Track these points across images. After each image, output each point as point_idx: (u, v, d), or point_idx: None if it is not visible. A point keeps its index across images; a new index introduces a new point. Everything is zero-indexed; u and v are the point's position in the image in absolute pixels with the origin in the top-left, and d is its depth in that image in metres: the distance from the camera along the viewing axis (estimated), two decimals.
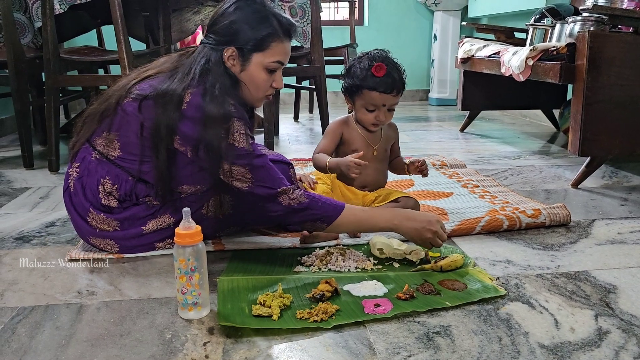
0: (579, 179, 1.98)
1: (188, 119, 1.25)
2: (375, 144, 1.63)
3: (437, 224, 1.28)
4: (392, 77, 1.52)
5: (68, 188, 1.37)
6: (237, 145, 1.24)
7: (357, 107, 1.59)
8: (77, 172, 1.35)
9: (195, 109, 1.24)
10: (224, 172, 1.26)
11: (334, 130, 1.62)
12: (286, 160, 1.52)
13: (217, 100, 1.25)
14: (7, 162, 2.49)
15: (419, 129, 3.37)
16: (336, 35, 4.42)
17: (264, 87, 1.35)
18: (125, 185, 1.32)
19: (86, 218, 1.34)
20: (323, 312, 1.06)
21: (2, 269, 1.31)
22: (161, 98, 1.27)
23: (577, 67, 1.87)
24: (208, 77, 1.29)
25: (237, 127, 1.25)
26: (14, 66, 2.25)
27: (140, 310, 1.11)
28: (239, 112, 1.27)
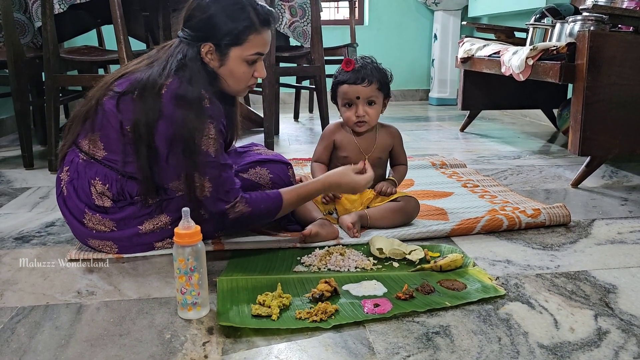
0: (579, 178, 1.98)
1: (164, 117, 1.24)
2: (367, 151, 1.62)
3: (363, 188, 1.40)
4: (364, 71, 1.55)
5: (61, 193, 1.36)
6: (203, 149, 1.24)
7: (340, 108, 1.61)
8: (68, 175, 1.34)
9: (172, 106, 1.23)
10: (184, 176, 1.26)
11: (327, 136, 1.64)
12: (285, 160, 1.52)
13: (193, 96, 1.24)
14: (7, 162, 2.49)
15: (419, 129, 3.37)
16: (336, 35, 4.42)
17: (245, 79, 1.34)
18: (116, 184, 1.32)
19: (82, 220, 1.33)
20: (322, 312, 1.06)
21: (2, 269, 1.31)
22: (139, 91, 1.26)
23: (577, 66, 1.87)
24: (185, 72, 1.27)
25: (207, 129, 1.24)
26: (14, 66, 2.25)
27: (139, 310, 1.11)
28: (214, 110, 1.25)
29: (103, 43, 3.52)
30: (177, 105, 1.23)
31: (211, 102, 1.26)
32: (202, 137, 1.23)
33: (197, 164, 1.24)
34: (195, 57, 1.29)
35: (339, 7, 4.92)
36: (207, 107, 1.25)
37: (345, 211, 1.60)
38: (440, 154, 2.55)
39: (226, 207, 1.26)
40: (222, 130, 1.28)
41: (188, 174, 1.25)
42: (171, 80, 1.25)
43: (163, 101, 1.24)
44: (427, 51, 4.78)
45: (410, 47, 4.77)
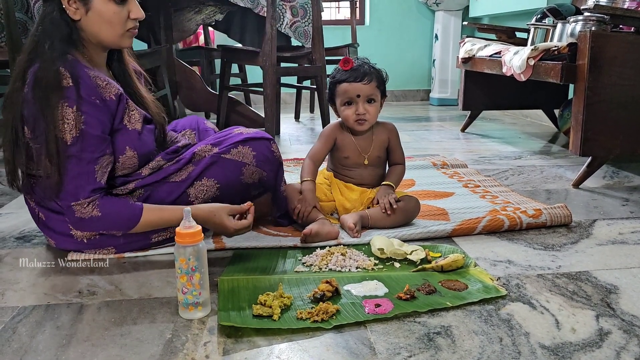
0: (580, 179, 1.98)
1: (26, 103, 1.19)
2: (366, 152, 1.62)
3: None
4: (362, 70, 1.55)
5: (40, 219, 1.35)
6: (58, 136, 1.17)
7: (338, 107, 1.61)
8: (34, 200, 1.33)
9: (30, 89, 1.17)
10: (37, 161, 1.21)
11: (328, 134, 1.63)
12: (266, 137, 1.47)
13: (49, 76, 1.15)
14: None
15: (420, 129, 3.37)
16: (337, 35, 4.42)
17: (118, 21, 1.23)
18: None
19: (69, 232, 1.31)
20: (324, 312, 1.06)
21: (3, 269, 1.31)
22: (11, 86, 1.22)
23: (578, 67, 1.87)
24: (44, 37, 1.19)
25: (62, 113, 1.17)
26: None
27: (140, 309, 1.11)
28: (71, 90, 1.17)
29: None
30: (34, 88, 1.17)
31: (74, 79, 1.17)
32: (56, 121, 1.16)
33: (51, 152, 1.18)
34: (54, 11, 1.20)
35: (340, 7, 4.92)
36: (66, 88, 1.16)
37: (346, 211, 1.60)
38: (441, 154, 2.55)
39: (72, 204, 1.20)
40: (88, 114, 1.19)
41: (44, 160, 1.19)
42: (36, 64, 1.18)
43: (25, 89, 1.19)
44: (428, 51, 4.78)
45: (411, 47, 4.77)
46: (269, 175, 1.46)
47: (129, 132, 1.30)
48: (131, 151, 1.30)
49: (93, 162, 1.22)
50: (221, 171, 1.38)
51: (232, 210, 1.30)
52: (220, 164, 1.38)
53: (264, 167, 1.43)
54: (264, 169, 1.43)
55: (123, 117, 1.28)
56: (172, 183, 1.35)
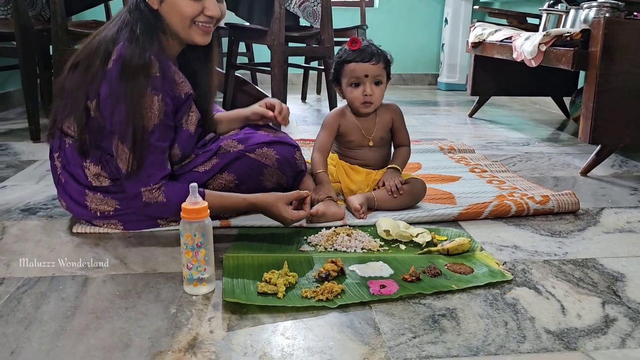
0: (589, 167, 1.97)
1: (107, 80, 1.19)
2: (369, 134, 1.61)
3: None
4: (369, 50, 1.53)
5: (59, 181, 1.35)
6: (139, 123, 1.18)
7: (345, 88, 1.58)
8: (60, 162, 1.33)
9: (117, 71, 1.17)
10: (115, 144, 1.22)
11: (331, 123, 1.61)
12: (292, 142, 1.49)
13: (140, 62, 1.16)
14: (14, 135, 2.48)
15: (427, 113, 3.34)
16: (346, 17, 4.37)
17: (190, 13, 1.23)
18: (107, 164, 1.30)
19: (84, 203, 1.32)
20: (328, 291, 1.05)
21: (8, 240, 1.31)
22: (89, 57, 1.22)
23: (590, 53, 1.85)
24: (131, 20, 1.21)
25: (149, 100, 1.18)
26: (22, 39, 2.23)
27: (145, 284, 1.11)
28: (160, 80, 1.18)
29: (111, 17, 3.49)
30: (122, 69, 1.17)
31: (161, 70, 1.19)
32: (143, 107, 1.18)
33: (129, 136, 1.19)
34: (138, 1, 1.23)
35: None
36: (155, 77, 1.18)
37: (351, 192, 1.60)
38: (448, 139, 2.53)
39: (142, 189, 1.22)
40: (169, 107, 1.22)
41: (119, 143, 1.21)
42: (121, 43, 1.19)
43: (109, 66, 1.19)
44: (437, 35, 4.73)
45: (420, 31, 4.72)
46: (288, 181, 1.47)
47: (183, 131, 1.31)
48: (177, 149, 1.31)
49: (165, 150, 1.25)
50: (243, 168, 1.39)
51: (289, 199, 1.31)
52: (244, 161, 1.39)
53: (285, 171, 1.44)
54: (284, 173, 1.44)
55: (183, 116, 1.30)
56: (195, 172, 1.35)
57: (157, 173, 1.23)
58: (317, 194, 1.48)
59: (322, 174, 1.54)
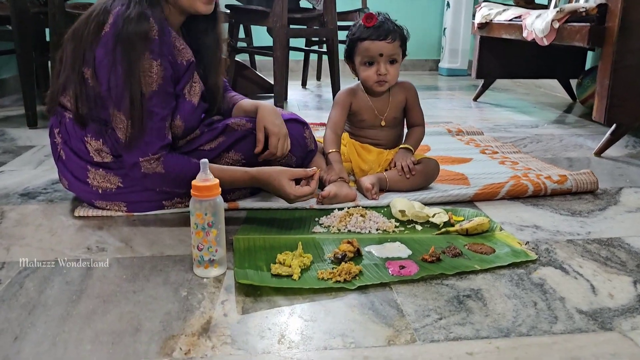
0: (603, 147, 1.91)
1: (103, 45, 1.13)
2: (382, 113, 1.55)
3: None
4: (385, 26, 1.47)
5: (60, 157, 1.30)
6: (136, 88, 1.11)
7: (358, 66, 1.52)
8: (61, 137, 1.28)
9: (113, 32, 1.11)
10: (112, 112, 1.16)
11: (343, 100, 1.55)
12: (301, 120, 1.44)
13: (138, 26, 1.11)
14: (10, 121, 2.42)
15: (430, 97, 3.29)
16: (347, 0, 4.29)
17: None
18: (109, 138, 1.24)
19: (86, 180, 1.27)
20: (346, 272, 1.00)
21: (8, 224, 1.26)
22: (84, 24, 1.17)
23: (607, 29, 1.79)
24: None
25: (147, 64, 1.12)
26: (18, 22, 2.15)
27: (153, 267, 1.05)
28: (159, 44, 1.13)
29: None
30: (118, 32, 1.11)
31: (160, 33, 1.13)
32: (139, 72, 1.12)
33: (126, 103, 1.13)
34: None
35: None
36: (153, 40, 1.12)
37: (362, 172, 1.54)
38: (454, 122, 2.48)
39: (140, 159, 1.16)
40: (168, 72, 1.16)
41: (115, 110, 1.15)
42: (117, 7, 1.13)
43: (105, 30, 1.13)
44: (439, 20, 4.65)
45: (421, 15, 4.64)
46: (297, 161, 1.41)
47: (186, 102, 1.25)
48: (180, 121, 1.24)
49: (165, 118, 1.18)
50: (250, 146, 1.32)
51: (294, 175, 1.23)
52: (251, 139, 1.32)
53: (294, 150, 1.38)
54: (293, 152, 1.38)
55: (185, 86, 1.24)
56: (201, 151, 1.29)
57: (155, 142, 1.16)
58: (328, 174, 1.43)
59: (334, 153, 1.49)
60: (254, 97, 3.11)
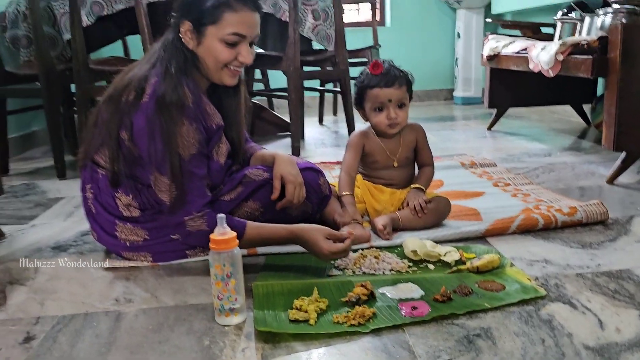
0: (614, 174, 1.93)
1: (142, 112, 1.22)
2: (394, 154, 1.61)
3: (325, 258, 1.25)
4: (391, 73, 1.53)
5: (90, 211, 1.38)
6: (177, 151, 1.21)
7: (368, 112, 1.59)
8: (92, 193, 1.37)
9: (151, 102, 1.21)
10: (154, 176, 1.24)
11: (356, 143, 1.62)
12: (315, 168, 1.50)
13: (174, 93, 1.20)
14: (40, 173, 2.54)
15: (445, 129, 3.34)
16: (358, 37, 4.41)
17: (225, 59, 1.27)
18: (139, 194, 1.32)
19: (114, 233, 1.35)
20: (360, 315, 1.05)
21: (41, 278, 1.34)
22: (119, 92, 1.26)
23: (610, 59, 1.83)
24: (165, 58, 1.26)
25: (185, 130, 1.21)
26: (46, 80, 2.29)
27: (177, 317, 1.11)
28: (194, 110, 1.23)
29: (129, 53, 3.57)
30: (157, 102, 1.21)
31: (195, 100, 1.23)
32: (178, 137, 1.21)
33: (167, 166, 1.21)
34: (175, 38, 1.28)
35: (360, 8, 4.91)
36: (188, 107, 1.22)
37: (376, 212, 1.59)
38: (468, 154, 2.52)
39: (185, 219, 1.24)
40: (204, 130, 1.25)
41: (157, 174, 1.23)
42: (154, 78, 1.23)
43: (144, 100, 1.22)
44: (450, 50, 4.74)
45: (433, 47, 4.74)
46: (314, 207, 1.48)
47: (214, 162, 1.34)
48: (208, 181, 1.33)
49: (204, 177, 1.27)
50: (268, 195, 1.39)
51: (331, 234, 1.27)
52: (268, 188, 1.40)
53: (310, 197, 1.45)
54: (309, 199, 1.45)
55: (213, 147, 1.33)
56: (221, 201, 1.37)
57: (197, 200, 1.25)
58: (342, 217, 1.48)
59: (348, 196, 1.55)
60: (273, 137, 3.21)
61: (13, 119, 2.70)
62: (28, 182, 2.36)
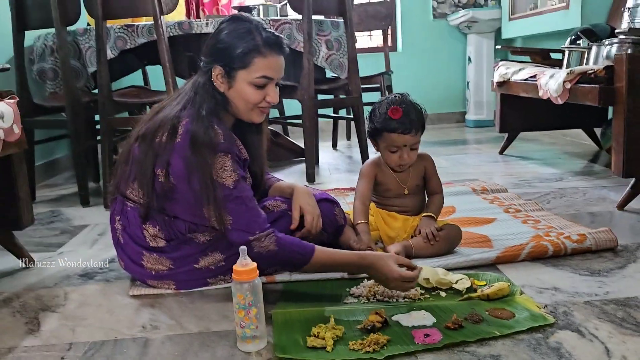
0: (625, 200, 1.97)
1: (178, 154, 1.30)
2: (405, 182, 1.67)
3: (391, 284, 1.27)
4: (410, 118, 1.58)
5: (118, 241, 1.46)
6: (220, 182, 1.28)
7: (381, 149, 1.65)
8: (121, 224, 1.44)
9: (185, 144, 1.29)
10: (206, 211, 1.31)
11: (369, 172, 1.68)
12: (331, 199, 1.57)
13: (206, 133, 1.28)
14: (64, 200, 2.63)
15: (457, 153, 3.39)
16: (370, 63, 4.49)
17: (255, 100, 1.36)
18: (165, 226, 1.39)
19: (141, 262, 1.42)
20: (375, 342, 1.10)
21: (71, 305, 1.41)
22: (153, 132, 1.34)
23: (616, 89, 1.88)
24: (196, 101, 1.34)
25: (221, 162, 1.29)
26: (72, 111, 2.39)
27: (201, 343, 1.17)
28: (227, 144, 1.30)
29: (148, 82, 3.69)
30: (190, 143, 1.29)
31: (225, 136, 1.31)
32: (217, 170, 1.28)
33: (215, 198, 1.29)
34: (207, 82, 1.36)
35: (372, 34, 5.01)
36: (220, 143, 1.29)
37: (390, 239, 1.65)
38: (480, 179, 2.57)
39: (250, 239, 1.28)
40: (238, 160, 1.33)
41: (207, 208, 1.31)
42: (186, 119, 1.31)
43: (177, 140, 1.30)
44: (461, 74, 4.80)
45: (444, 71, 4.81)
46: (329, 237, 1.55)
47: None
48: None
49: (252, 199, 1.34)
50: (286, 225, 1.45)
51: (399, 260, 1.31)
52: (286, 219, 1.46)
53: (326, 227, 1.51)
54: (325, 229, 1.51)
55: None
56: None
57: (257, 219, 1.31)
58: (358, 243, 1.54)
59: (363, 224, 1.60)
60: (288, 162, 3.28)
61: (38, 148, 2.81)
62: (53, 209, 2.44)
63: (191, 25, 2.55)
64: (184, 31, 2.54)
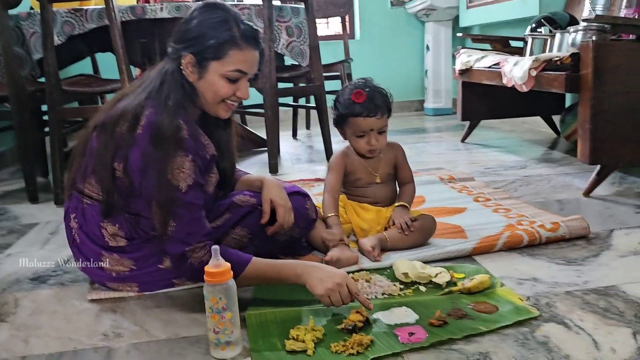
0: (590, 187, 1.98)
1: (137, 146, 1.20)
2: (376, 170, 1.63)
3: (344, 279, 1.15)
4: (374, 102, 1.54)
5: (74, 240, 1.34)
6: (174, 183, 1.17)
7: (349, 136, 1.61)
8: (76, 222, 1.33)
9: (147, 135, 1.19)
10: (151, 209, 1.21)
11: (338, 163, 1.62)
12: (302, 192, 1.50)
13: (170, 126, 1.18)
14: (10, 197, 2.45)
15: (419, 141, 3.37)
16: (328, 50, 4.42)
17: (224, 94, 1.26)
18: (125, 223, 1.29)
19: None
20: (358, 343, 1.04)
21: (22, 313, 1.29)
22: (116, 121, 1.23)
23: (582, 76, 1.88)
24: (163, 90, 1.24)
25: (179, 162, 1.18)
26: (16, 101, 2.22)
27: (170, 351, 1.09)
28: (190, 142, 1.20)
29: (98, 70, 3.50)
30: (152, 136, 1.19)
31: (190, 132, 1.21)
32: (173, 169, 1.18)
33: (164, 199, 1.18)
34: (175, 70, 1.26)
35: (329, 22, 4.94)
36: (184, 139, 1.20)
37: (363, 232, 1.60)
38: (445, 168, 2.55)
39: (186, 250, 1.18)
40: (200, 163, 1.23)
41: (154, 207, 1.20)
42: (150, 110, 1.21)
43: (138, 132, 1.20)
44: (420, 62, 4.80)
45: (403, 59, 4.80)
46: (300, 231, 1.47)
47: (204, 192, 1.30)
48: None
49: (202, 208, 1.23)
50: (256, 221, 1.37)
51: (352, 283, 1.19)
52: (256, 214, 1.37)
53: (297, 222, 1.43)
54: (297, 224, 1.43)
55: (205, 177, 1.29)
56: None
57: (198, 231, 1.20)
58: (331, 234, 1.47)
59: (334, 217, 1.54)
60: (249, 153, 3.19)
61: None
62: None
63: (144, 9, 2.41)
64: (136, 16, 2.40)
